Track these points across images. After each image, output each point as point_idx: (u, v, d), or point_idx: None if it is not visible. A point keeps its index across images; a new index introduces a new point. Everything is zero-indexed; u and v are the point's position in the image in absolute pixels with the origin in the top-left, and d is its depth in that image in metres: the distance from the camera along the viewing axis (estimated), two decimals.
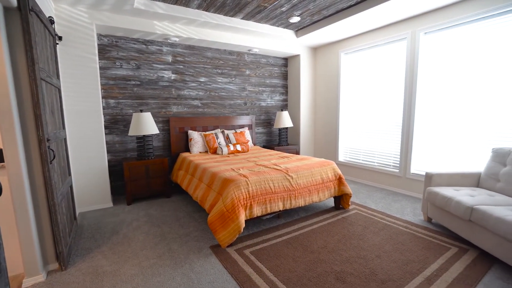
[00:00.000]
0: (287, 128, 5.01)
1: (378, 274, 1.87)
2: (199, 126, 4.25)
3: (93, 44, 3.10)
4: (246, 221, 2.70)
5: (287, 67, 5.27)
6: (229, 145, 3.96)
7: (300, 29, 4.32)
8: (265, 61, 4.96)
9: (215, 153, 3.91)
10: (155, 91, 3.92)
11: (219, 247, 2.29)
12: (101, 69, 3.50)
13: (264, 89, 5.01)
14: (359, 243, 2.31)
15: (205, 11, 3.48)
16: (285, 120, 4.69)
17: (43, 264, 1.92)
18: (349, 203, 3.13)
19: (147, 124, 3.37)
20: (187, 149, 4.17)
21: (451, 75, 3.17)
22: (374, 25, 3.77)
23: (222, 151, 3.84)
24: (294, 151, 4.83)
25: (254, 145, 4.85)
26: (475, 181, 2.66)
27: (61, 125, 2.52)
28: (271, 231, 2.58)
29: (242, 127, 4.70)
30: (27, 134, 1.81)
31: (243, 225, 2.26)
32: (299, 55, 4.89)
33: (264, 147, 5.04)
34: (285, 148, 4.75)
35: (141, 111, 3.48)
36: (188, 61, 4.14)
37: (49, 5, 2.64)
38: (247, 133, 4.52)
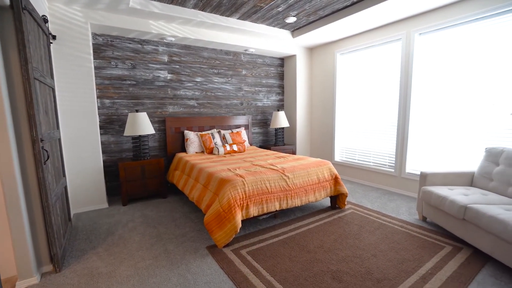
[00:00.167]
0: (283, 128, 5.02)
1: (373, 273, 1.88)
2: (195, 126, 4.23)
3: (88, 43, 3.07)
4: (242, 221, 2.70)
5: (283, 67, 5.28)
6: (226, 145, 3.95)
7: (296, 29, 4.33)
8: (262, 61, 4.96)
9: (211, 153, 3.90)
10: (151, 91, 3.89)
11: (216, 248, 2.28)
12: (96, 68, 3.47)
13: (260, 89, 5.01)
14: (355, 243, 2.32)
15: (201, 11, 3.47)
16: (281, 120, 4.70)
17: (36, 266, 1.90)
18: (345, 203, 3.15)
19: (142, 124, 3.35)
20: (183, 149, 4.15)
21: (445, 75, 3.21)
22: (369, 25, 3.80)
23: (218, 151, 3.83)
24: (290, 151, 4.84)
25: (250, 145, 4.85)
26: (469, 180, 2.70)
27: (55, 125, 2.49)
28: (267, 231, 2.58)
29: (238, 127, 4.70)
30: (20, 134, 1.78)
31: (240, 225, 2.26)
32: (295, 55, 4.91)
33: (260, 147, 5.04)
34: (281, 148, 4.76)
35: (137, 111, 3.46)
36: (184, 61, 4.12)
37: (43, 4, 2.60)
38: (243, 133, 4.52)
